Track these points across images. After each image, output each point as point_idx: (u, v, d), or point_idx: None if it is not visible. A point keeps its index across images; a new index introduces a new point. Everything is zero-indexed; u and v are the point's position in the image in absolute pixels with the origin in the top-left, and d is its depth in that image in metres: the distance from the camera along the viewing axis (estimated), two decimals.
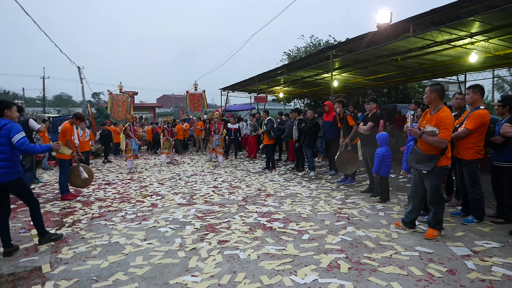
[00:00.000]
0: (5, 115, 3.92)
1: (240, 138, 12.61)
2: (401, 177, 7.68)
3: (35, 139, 8.54)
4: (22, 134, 3.81)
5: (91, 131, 10.89)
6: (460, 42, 9.89)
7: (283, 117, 11.93)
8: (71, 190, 6.91)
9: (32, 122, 6.95)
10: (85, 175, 6.60)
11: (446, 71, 14.95)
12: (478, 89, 4.50)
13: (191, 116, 16.25)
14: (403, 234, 4.12)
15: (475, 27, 8.72)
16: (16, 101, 24.28)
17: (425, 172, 3.85)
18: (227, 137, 12.47)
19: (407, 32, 8.54)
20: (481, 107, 4.42)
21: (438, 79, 18.79)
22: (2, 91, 30.14)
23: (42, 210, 5.61)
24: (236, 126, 12.58)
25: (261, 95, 21.31)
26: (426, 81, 20.36)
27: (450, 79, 18.01)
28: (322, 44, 22.13)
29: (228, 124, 12.50)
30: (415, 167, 4.02)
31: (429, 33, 8.72)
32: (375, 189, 6.07)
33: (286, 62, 20.95)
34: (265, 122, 10.25)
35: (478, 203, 4.41)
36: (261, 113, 12.17)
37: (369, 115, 6.23)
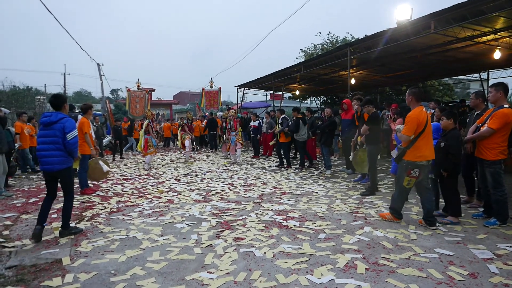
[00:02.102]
0: (63, 108, 4.28)
1: (259, 136, 12.35)
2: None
3: None
4: (76, 133, 4.20)
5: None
6: (484, 39, 9.59)
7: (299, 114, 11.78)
8: (90, 185, 7.06)
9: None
10: (106, 168, 6.72)
11: (468, 69, 14.55)
12: (502, 87, 4.36)
13: (207, 113, 16.31)
14: (423, 235, 4.03)
15: (500, 23, 8.42)
16: (38, 97, 24.99)
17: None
18: (252, 135, 12.30)
19: (428, 28, 8.32)
20: (505, 105, 4.27)
21: (460, 77, 18.31)
22: (25, 87, 30.99)
23: (62, 204, 5.79)
24: (256, 123, 12.31)
25: (277, 92, 21.23)
26: (447, 78, 19.88)
27: (472, 76, 17.50)
28: (339, 41, 21.86)
29: (250, 121, 12.34)
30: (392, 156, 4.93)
31: (451, 29, 8.48)
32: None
33: (302, 60, 20.80)
34: (280, 120, 10.06)
35: (501, 205, 4.26)
36: (275, 112, 12.01)
37: (369, 116, 6.30)
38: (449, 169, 4.39)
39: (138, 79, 14.75)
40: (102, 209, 5.44)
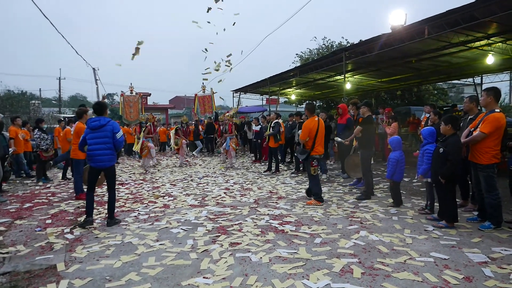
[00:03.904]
0: (106, 113, 4.95)
1: (259, 140, 12.16)
2: (415, 181, 7.56)
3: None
4: (122, 132, 4.93)
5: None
6: (477, 44, 9.73)
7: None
8: (85, 190, 7.00)
9: None
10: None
11: (461, 73, 14.74)
12: (492, 91, 4.41)
13: (203, 118, 16.27)
14: (418, 239, 4.05)
15: (492, 28, 8.56)
16: (33, 102, 24.85)
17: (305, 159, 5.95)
18: (254, 140, 12.20)
19: (422, 33, 8.43)
20: (496, 110, 4.32)
21: (454, 81, 18.50)
22: (20, 91, 30.80)
23: (57, 209, 5.78)
24: (258, 128, 11.93)
25: (273, 97, 21.29)
26: (441, 83, 20.07)
27: (466, 81, 17.69)
28: (334, 46, 22.03)
29: (251, 126, 12.24)
30: (298, 156, 6.24)
31: (444, 34, 8.59)
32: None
33: (298, 64, 20.91)
34: (273, 124, 9.81)
35: (495, 209, 4.30)
36: (271, 115, 11.92)
37: (363, 119, 6.33)
38: (447, 176, 4.33)
39: (131, 84, 14.67)
40: (97, 214, 5.40)
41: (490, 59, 10.93)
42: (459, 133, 4.74)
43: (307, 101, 8.67)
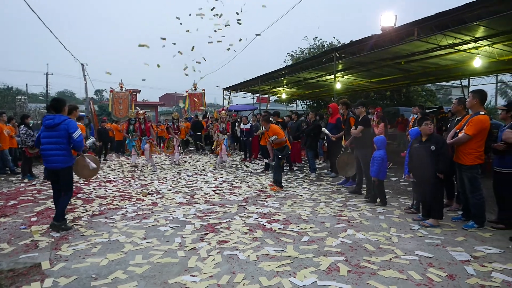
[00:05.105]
0: (63, 111, 4.62)
1: (250, 139, 12.08)
2: (402, 180, 7.66)
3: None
4: (80, 131, 4.58)
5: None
6: (465, 47, 9.87)
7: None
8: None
9: None
10: (93, 165, 6.59)
11: (449, 75, 14.94)
12: (478, 94, 4.49)
13: (192, 116, 16.17)
14: (404, 238, 4.11)
15: (480, 32, 8.70)
16: (19, 97, 24.38)
17: (280, 157, 6.98)
18: (244, 139, 12.04)
19: (412, 35, 8.53)
20: (481, 112, 4.41)
21: (442, 83, 18.78)
22: (6, 87, 30.20)
23: (43, 207, 5.69)
24: (248, 126, 11.93)
25: (263, 95, 21.30)
26: (430, 84, 20.36)
27: (454, 83, 17.97)
28: (325, 46, 22.12)
29: (240, 124, 12.12)
30: (281, 156, 7.04)
31: (433, 37, 8.72)
32: (372, 193, 6.02)
33: (289, 63, 20.95)
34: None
35: (478, 209, 4.39)
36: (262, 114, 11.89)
37: (360, 119, 6.33)
38: (445, 170, 4.42)
39: (121, 80, 14.49)
40: (84, 212, 5.34)
41: (477, 62, 11.11)
42: (445, 134, 4.82)
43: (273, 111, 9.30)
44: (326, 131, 7.74)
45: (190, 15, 8.52)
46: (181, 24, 9.16)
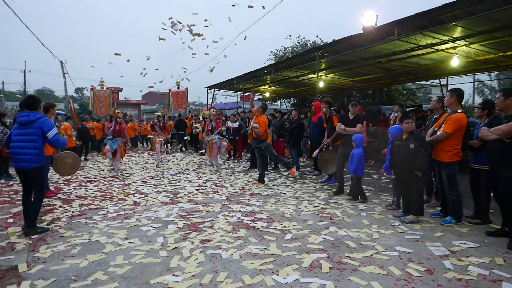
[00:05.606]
0: (38, 109, 4.47)
1: (237, 137, 11.91)
2: (383, 178, 7.80)
3: None
4: (55, 130, 4.42)
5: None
6: (443, 47, 10.12)
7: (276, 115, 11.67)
8: (51, 187, 6.76)
9: None
10: (69, 162, 6.46)
11: (429, 74, 15.28)
12: (456, 93, 4.61)
13: (176, 114, 16.00)
14: (384, 234, 4.19)
15: (457, 32, 8.93)
16: None
17: (263, 148, 7.33)
18: (231, 137, 11.77)
19: (392, 35, 8.69)
20: (458, 110, 4.53)
21: (421, 82, 19.19)
22: None
23: (19, 208, 5.50)
24: (235, 125, 11.62)
25: (247, 94, 21.27)
26: (410, 83, 20.78)
27: (433, 82, 18.40)
28: (309, 45, 22.27)
29: (227, 123, 11.93)
30: (256, 147, 7.51)
31: (413, 36, 8.91)
32: (353, 191, 6.06)
33: (273, 62, 21.00)
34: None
35: (456, 204, 4.51)
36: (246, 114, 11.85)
37: (354, 117, 6.33)
38: (423, 168, 4.51)
39: (102, 78, 14.18)
40: (63, 213, 5.22)
41: (455, 62, 11.41)
42: (424, 132, 4.93)
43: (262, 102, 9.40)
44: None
45: (166, 29, 8.56)
46: (165, 29, 9.07)
